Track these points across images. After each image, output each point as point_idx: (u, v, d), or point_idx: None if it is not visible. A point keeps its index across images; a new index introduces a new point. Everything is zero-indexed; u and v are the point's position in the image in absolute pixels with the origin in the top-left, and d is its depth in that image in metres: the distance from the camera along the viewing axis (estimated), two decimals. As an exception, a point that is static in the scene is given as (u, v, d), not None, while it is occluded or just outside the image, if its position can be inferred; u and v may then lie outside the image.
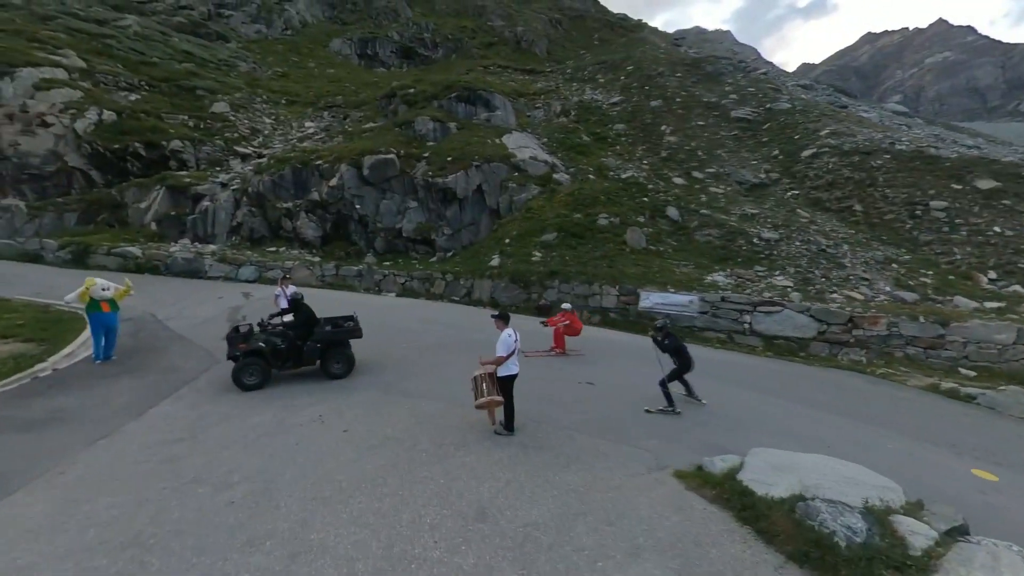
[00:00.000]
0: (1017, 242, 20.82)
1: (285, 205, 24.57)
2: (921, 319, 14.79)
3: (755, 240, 19.34)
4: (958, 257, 20.27)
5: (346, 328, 9.75)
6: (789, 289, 16.49)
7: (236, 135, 32.86)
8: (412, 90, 31.25)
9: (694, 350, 15.33)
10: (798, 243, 19.26)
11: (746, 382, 11.59)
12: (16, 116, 27.99)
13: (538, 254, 18.73)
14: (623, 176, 23.73)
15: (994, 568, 3.96)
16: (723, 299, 15.66)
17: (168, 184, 27.07)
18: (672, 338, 9.12)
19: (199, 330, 12.58)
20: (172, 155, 29.76)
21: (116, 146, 28.31)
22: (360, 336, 9.65)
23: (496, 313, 6.84)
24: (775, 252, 18.84)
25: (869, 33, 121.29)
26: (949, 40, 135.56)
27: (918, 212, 22.22)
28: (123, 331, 12.94)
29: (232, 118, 34.73)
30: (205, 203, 26.46)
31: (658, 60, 39.19)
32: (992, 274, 19.67)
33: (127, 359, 10.30)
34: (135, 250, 22.33)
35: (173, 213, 26.49)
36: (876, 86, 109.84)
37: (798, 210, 21.70)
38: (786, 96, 30.81)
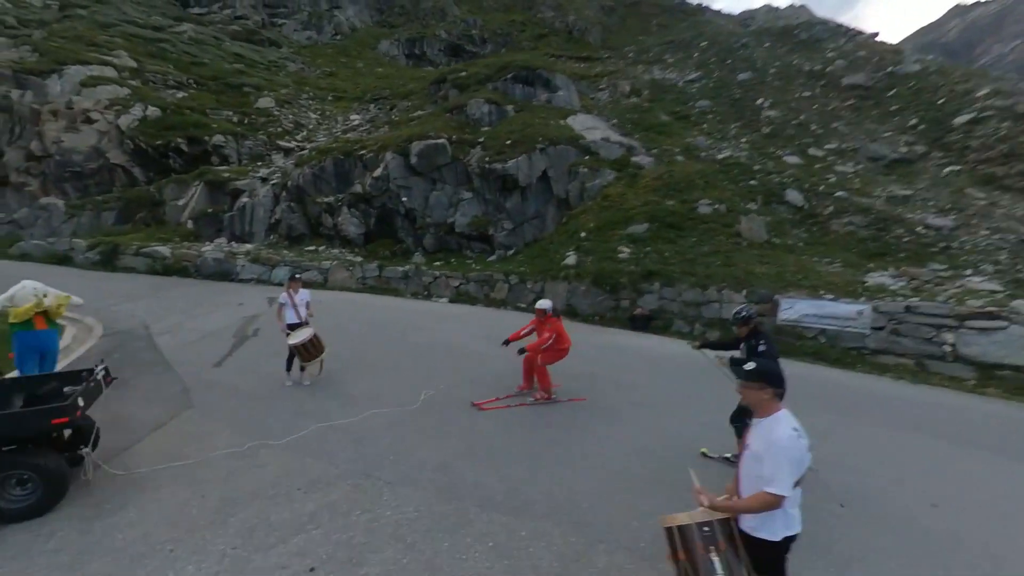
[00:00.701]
0: None
1: (326, 199, 21.47)
2: None
3: (919, 229, 14.18)
4: None
5: (46, 408, 4.13)
6: (998, 294, 11.37)
7: (280, 129, 30.60)
8: (464, 73, 27.70)
9: (867, 381, 10.13)
10: (985, 231, 13.93)
11: (999, 445, 6.77)
12: (61, 113, 26.69)
13: (626, 250, 14.38)
14: (719, 157, 18.98)
15: None
16: (908, 309, 10.76)
17: (207, 179, 24.82)
18: (767, 341, 5.16)
19: (192, 350, 9.24)
20: (214, 150, 27.76)
21: (159, 142, 26.59)
22: (74, 417, 4.04)
23: (752, 366, 2.60)
24: (953, 244, 13.63)
25: (958, 6, 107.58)
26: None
27: None
28: (99, 349, 9.82)
29: (276, 113, 32.60)
30: (244, 199, 23.91)
31: (736, 33, 33.86)
32: None
33: (70, 399, 6.96)
34: (164, 250, 19.92)
35: (210, 210, 24.18)
36: (968, 64, 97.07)
37: (967, 190, 16.19)
38: (913, 57, 24.88)
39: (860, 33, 29.72)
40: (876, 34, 29.76)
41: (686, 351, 10.67)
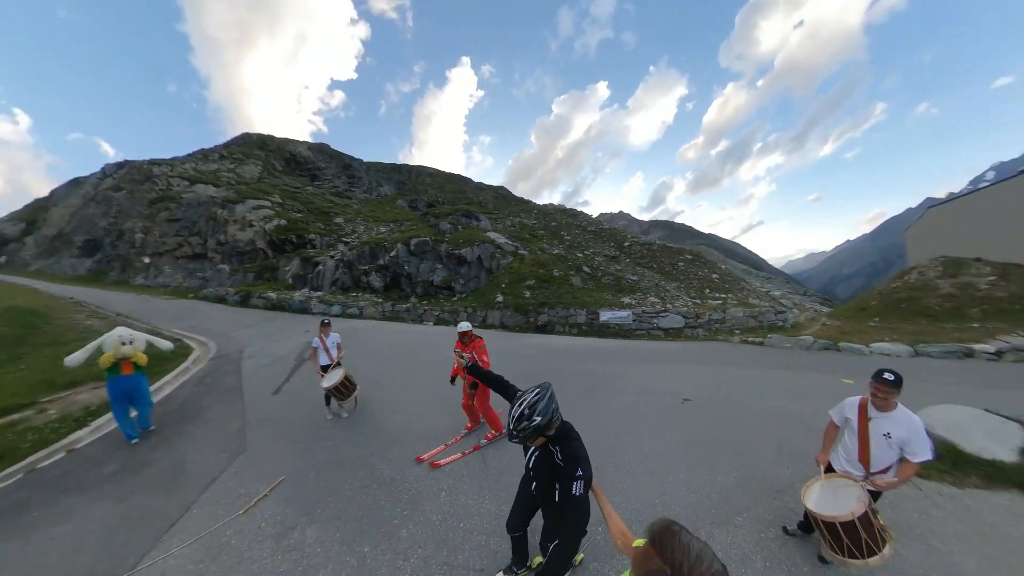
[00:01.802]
0: (707, 278, 18.41)
1: (363, 267, 15.83)
2: (718, 311, 10.55)
3: (630, 280, 14.65)
4: (694, 285, 17.22)
5: None
6: (660, 301, 11.64)
7: (343, 232, 23.28)
8: (437, 211, 24.09)
9: (637, 345, 7.71)
10: (646, 281, 14.91)
11: (713, 360, 5.71)
12: (238, 221, 17.81)
13: (527, 293, 12.28)
14: (554, 252, 18.37)
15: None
16: (643, 311, 10.30)
17: (301, 256, 17.54)
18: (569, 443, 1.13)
19: (263, 374, 4.30)
20: (308, 241, 20.19)
21: (282, 237, 18.93)
22: None
23: None
24: (640, 286, 14.23)
25: (602, 212, 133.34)
26: (625, 217, 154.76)
27: (675, 267, 19.33)
28: (195, 375, 3.97)
29: (343, 225, 25.05)
30: (319, 267, 16.76)
31: (548, 209, 35.71)
32: (708, 290, 16.73)
33: (157, 431, 2.12)
34: (272, 295, 12.99)
35: (301, 273, 16.74)
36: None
37: (637, 268, 17.72)
38: (605, 225, 28.16)
39: (588, 215, 33.07)
40: (591, 215, 33.44)
41: (566, 342, 8.47)
